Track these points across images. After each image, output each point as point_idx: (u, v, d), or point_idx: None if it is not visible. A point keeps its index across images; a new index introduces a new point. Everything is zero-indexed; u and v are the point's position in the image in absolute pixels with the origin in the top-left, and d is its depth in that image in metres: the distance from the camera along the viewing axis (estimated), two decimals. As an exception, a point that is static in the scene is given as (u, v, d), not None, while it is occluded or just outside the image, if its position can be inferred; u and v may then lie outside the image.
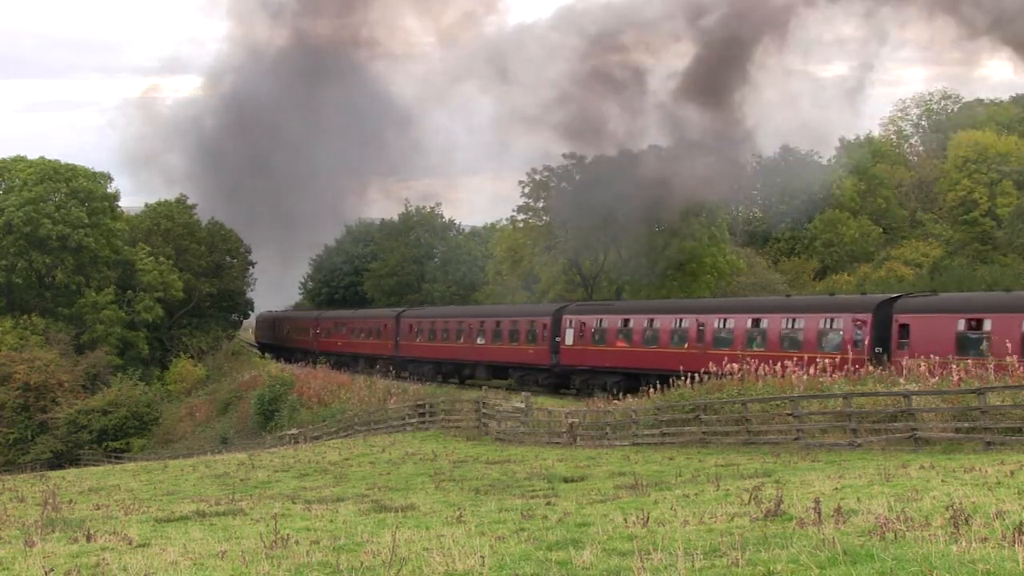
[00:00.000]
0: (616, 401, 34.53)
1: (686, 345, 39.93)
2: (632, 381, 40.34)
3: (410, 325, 60.64)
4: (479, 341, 53.26)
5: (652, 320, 42.58)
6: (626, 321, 43.86)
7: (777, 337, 36.54)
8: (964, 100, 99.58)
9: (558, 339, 47.08)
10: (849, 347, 32.75)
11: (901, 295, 37.06)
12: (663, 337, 41.35)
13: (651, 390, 33.40)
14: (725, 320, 39.29)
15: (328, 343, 73.47)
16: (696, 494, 15.75)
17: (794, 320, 36.72)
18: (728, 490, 15.84)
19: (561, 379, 47.27)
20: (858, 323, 34.24)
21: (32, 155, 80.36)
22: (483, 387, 47.80)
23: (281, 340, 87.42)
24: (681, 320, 41.11)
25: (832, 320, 35.48)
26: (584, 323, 45.91)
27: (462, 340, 54.78)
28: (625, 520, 12.57)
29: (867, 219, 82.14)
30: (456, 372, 55.64)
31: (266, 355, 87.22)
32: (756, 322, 37.97)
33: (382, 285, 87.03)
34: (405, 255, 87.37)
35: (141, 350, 77.68)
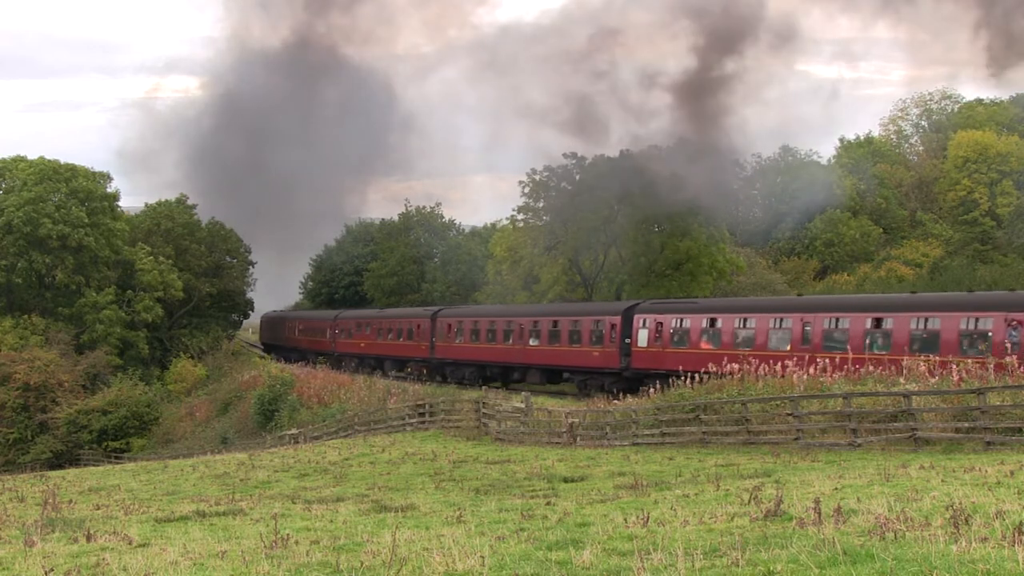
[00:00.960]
0: (616, 401, 34.51)
1: (788, 347, 36.06)
2: None
3: (448, 325, 56.08)
4: (532, 342, 49.05)
5: (745, 319, 38.68)
6: (712, 321, 39.97)
7: (905, 338, 32.94)
8: (964, 100, 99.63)
9: (628, 340, 43.10)
10: (1009, 347, 28.75)
11: None
12: (759, 338, 37.50)
13: (651, 390, 33.40)
14: (837, 320, 35.63)
15: (349, 344, 69.17)
16: (696, 494, 15.75)
17: (927, 320, 32.99)
18: (728, 490, 15.84)
19: (632, 384, 42.10)
20: (1013, 323, 30.42)
21: (32, 155, 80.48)
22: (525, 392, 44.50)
23: (291, 341, 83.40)
24: (781, 320, 37.30)
25: (977, 320, 31.71)
26: (661, 323, 41.77)
27: (511, 341, 50.52)
28: (625, 520, 12.57)
29: (867, 219, 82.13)
30: (503, 375, 51.67)
31: (271, 357, 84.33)
32: (878, 322, 34.31)
33: (382, 285, 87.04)
34: (405, 255, 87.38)
35: (141, 350, 77.69)
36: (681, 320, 41.29)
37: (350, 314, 74.29)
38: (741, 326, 38.96)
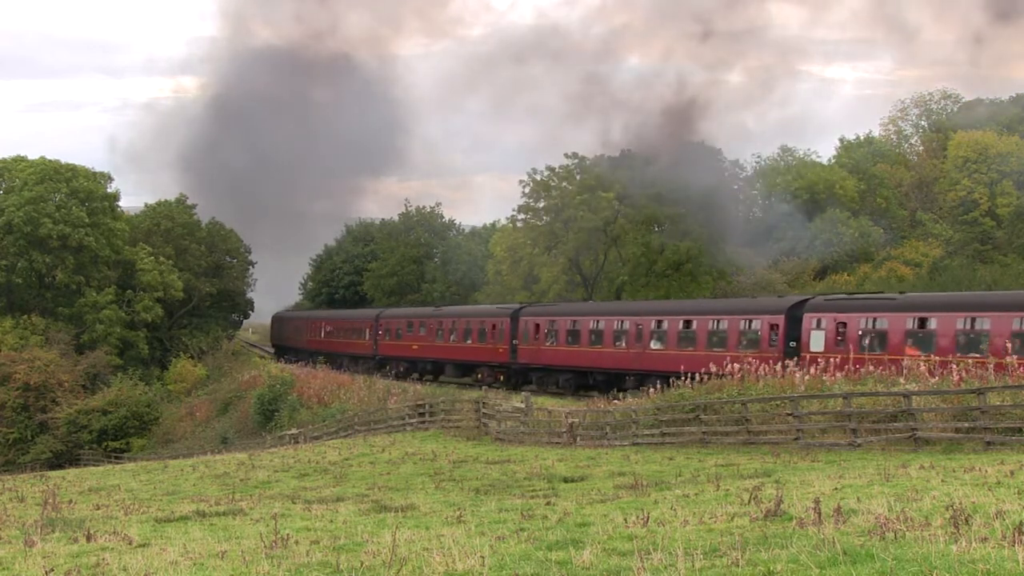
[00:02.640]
0: (616, 401, 34.49)
1: None
2: None
3: (536, 325, 49.47)
4: (654, 346, 42.79)
5: (973, 319, 32.01)
6: (922, 321, 33.37)
7: None
8: (964, 100, 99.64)
9: (794, 343, 36.85)
10: None
11: None
12: (997, 341, 30.05)
13: (651, 390, 33.37)
14: None
15: (397, 347, 62.39)
16: (696, 494, 15.74)
17: None
18: (728, 490, 15.84)
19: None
20: None
21: (33, 155, 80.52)
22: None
23: (314, 343, 77.04)
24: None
25: None
26: (845, 322, 35.40)
27: (624, 344, 43.94)
28: (625, 520, 12.57)
29: (867, 219, 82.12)
30: (614, 382, 44.18)
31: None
32: None
33: (382, 285, 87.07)
34: (405, 255, 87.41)
35: (141, 350, 77.72)
36: (873, 320, 34.77)
37: (398, 313, 67.13)
38: (969, 326, 32.04)
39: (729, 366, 30.49)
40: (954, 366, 26.73)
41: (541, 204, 68.75)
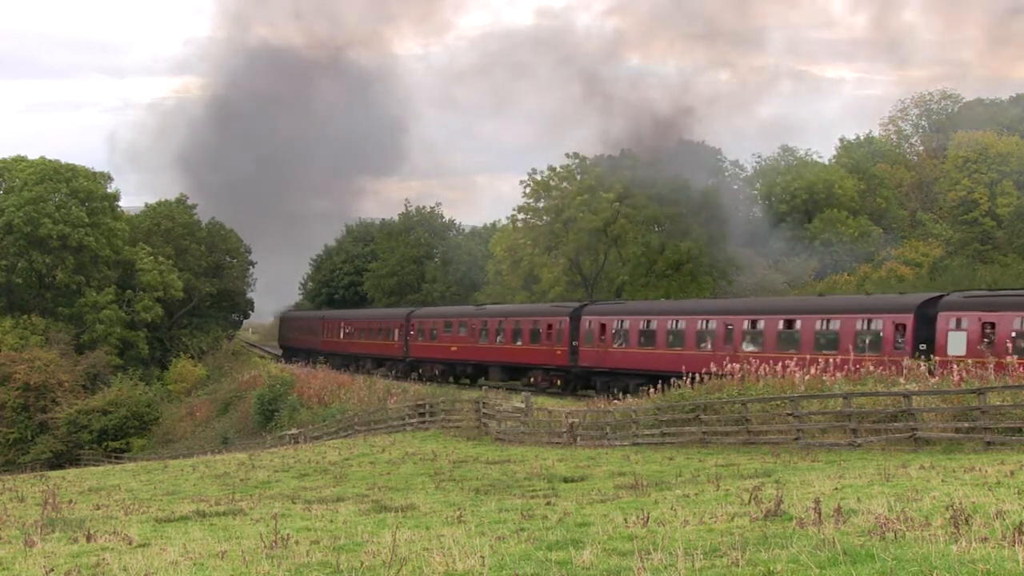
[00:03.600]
0: (616, 401, 34.48)
1: None
2: None
3: (602, 325, 45.14)
4: (747, 348, 37.94)
5: None
6: None
7: None
8: (964, 100, 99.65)
9: (923, 345, 32.82)
10: None
11: None
12: None
13: (651, 390, 33.34)
14: None
15: (431, 348, 58.38)
16: (696, 494, 15.74)
17: None
18: (728, 490, 15.84)
19: None
20: None
21: (33, 155, 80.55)
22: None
23: (330, 345, 73.52)
24: None
25: None
26: (993, 322, 31.15)
27: (710, 346, 39.60)
28: (625, 520, 12.57)
29: (867, 219, 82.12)
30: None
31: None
32: None
33: (382, 285, 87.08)
34: (405, 255, 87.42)
35: (141, 350, 77.72)
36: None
37: (433, 311, 62.91)
38: None
39: (847, 369, 27.73)
40: (954, 366, 26.72)
41: (541, 204, 68.78)
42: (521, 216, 70.11)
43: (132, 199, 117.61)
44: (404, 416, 40.75)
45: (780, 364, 30.31)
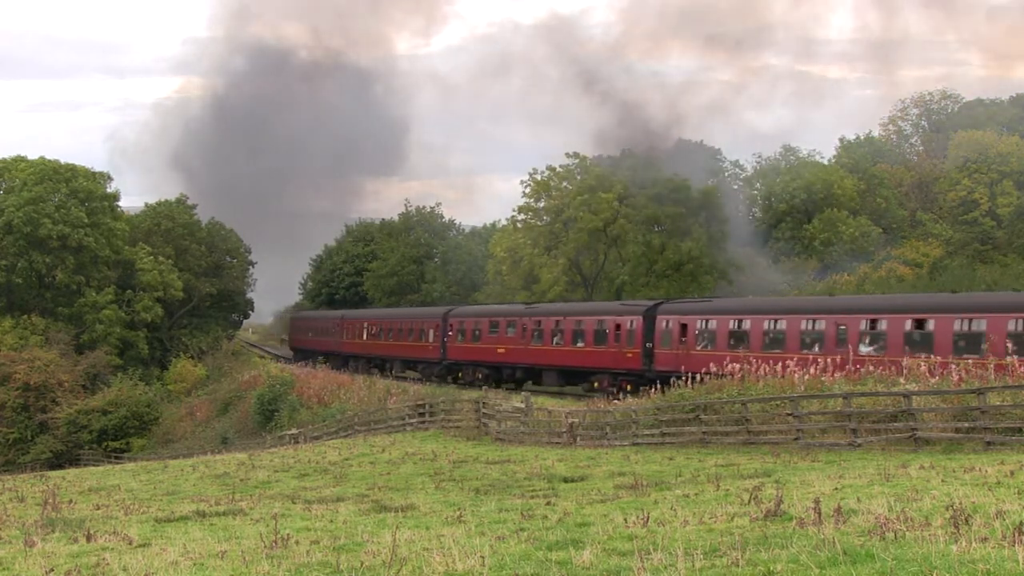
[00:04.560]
0: (616, 401, 34.48)
1: None
2: None
3: (683, 326, 40.90)
4: (865, 350, 33.55)
5: None
6: None
7: None
8: (964, 100, 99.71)
9: None
10: None
11: None
12: None
13: (651, 390, 33.34)
14: None
15: (473, 350, 54.03)
16: (696, 494, 15.74)
17: None
18: (728, 490, 15.84)
19: None
20: None
21: (33, 155, 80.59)
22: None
23: (347, 347, 69.88)
24: None
25: None
26: None
27: (819, 348, 34.97)
28: (625, 520, 12.57)
29: (867, 219, 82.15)
30: None
31: (308, 364, 71.41)
32: None
33: (382, 285, 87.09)
34: (405, 255, 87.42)
35: (141, 350, 77.72)
36: None
37: (476, 310, 58.43)
38: None
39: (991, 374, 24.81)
40: (954, 366, 26.71)
41: (541, 204, 68.79)
42: (521, 216, 70.13)
43: (132, 199, 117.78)
44: (404, 416, 40.75)
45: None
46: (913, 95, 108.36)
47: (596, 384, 45.01)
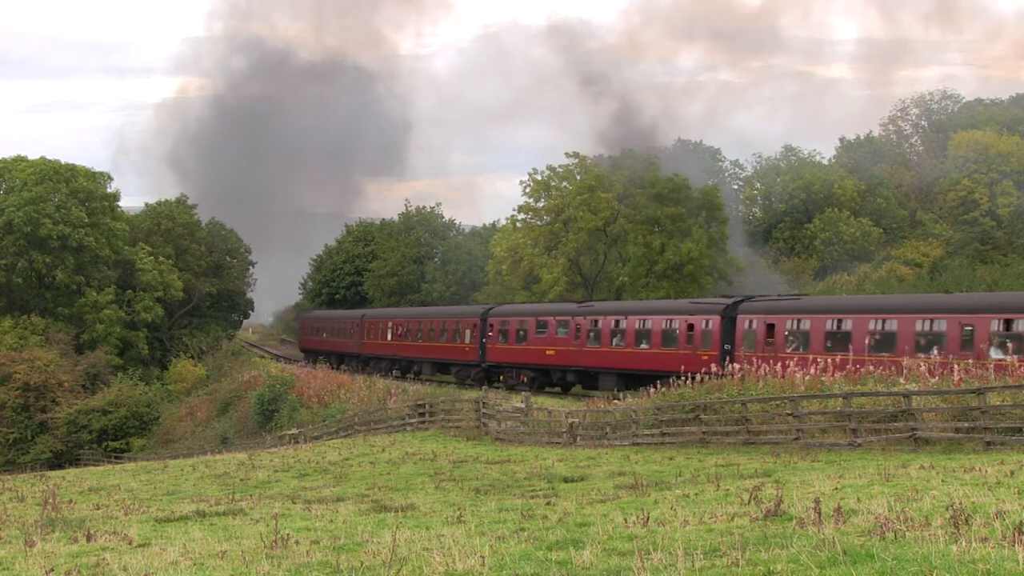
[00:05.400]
0: (616, 401, 34.48)
1: None
2: None
3: (768, 326, 37.48)
4: (998, 354, 29.09)
5: None
6: None
7: None
8: (964, 100, 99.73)
9: None
10: None
11: None
12: None
13: (651, 390, 33.33)
14: None
15: (518, 352, 50.50)
16: (696, 494, 15.74)
17: None
18: (728, 490, 15.84)
19: None
20: None
21: (33, 155, 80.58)
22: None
23: (367, 348, 66.63)
24: None
25: None
26: None
27: (936, 351, 30.88)
28: (625, 520, 12.57)
29: (867, 219, 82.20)
30: None
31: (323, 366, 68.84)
32: None
33: (382, 285, 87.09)
34: (405, 255, 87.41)
35: (141, 350, 77.70)
36: None
37: (520, 309, 54.41)
38: None
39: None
40: (954, 366, 26.70)
41: (541, 204, 68.77)
42: (521, 216, 70.10)
43: (132, 199, 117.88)
44: (404, 416, 40.76)
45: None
46: (913, 95, 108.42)
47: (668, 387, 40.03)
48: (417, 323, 61.23)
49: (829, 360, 30.55)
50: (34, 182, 75.21)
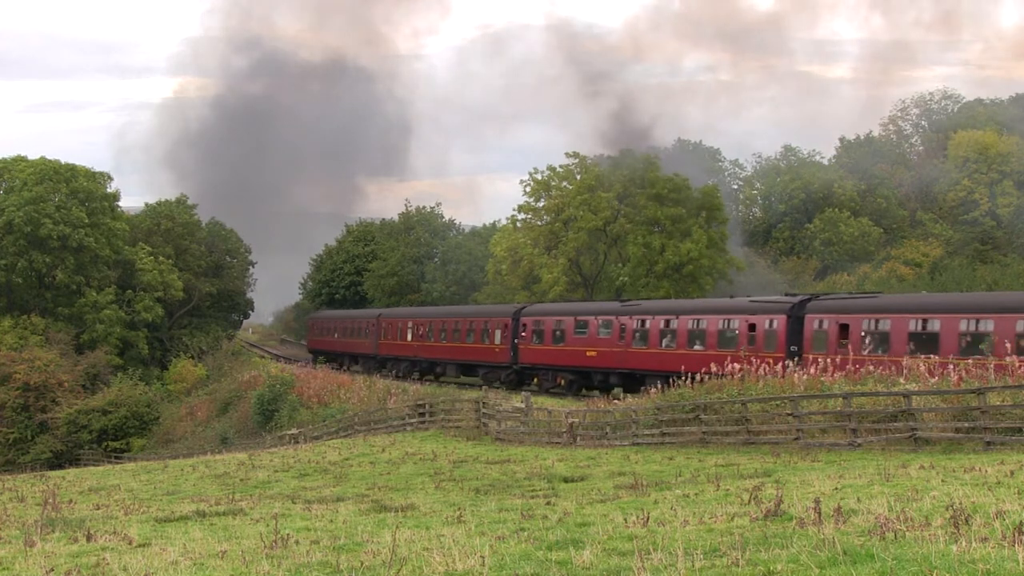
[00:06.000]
0: (616, 401, 34.47)
1: None
2: None
3: (841, 326, 34.86)
4: None
5: None
6: None
7: None
8: (964, 100, 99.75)
9: None
10: None
11: None
12: None
13: (651, 390, 33.31)
14: None
15: (555, 354, 47.83)
16: (696, 494, 15.74)
17: None
18: (728, 490, 15.84)
19: None
20: None
21: (34, 155, 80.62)
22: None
23: (385, 349, 64.34)
24: None
25: None
26: None
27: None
28: (625, 520, 12.57)
29: (867, 219, 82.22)
30: None
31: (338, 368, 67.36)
32: None
33: (382, 285, 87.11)
34: (405, 255, 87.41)
35: (141, 350, 77.72)
36: None
37: (557, 308, 51.37)
38: None
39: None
40: (953, 366, 26.68)
41: (541, 204, 68.73)
42: (521, 216, 70.07)
43: (132, 199, 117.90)
44: (404, 416, 40.76)
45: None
46: (913, 95, 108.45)
47: None
48: (441, 323, 58.65)
49: (913, 364, 27.99)
50: (34, 182, 75.24)
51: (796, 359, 33.67)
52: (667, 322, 41.51)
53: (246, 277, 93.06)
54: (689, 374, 31.30)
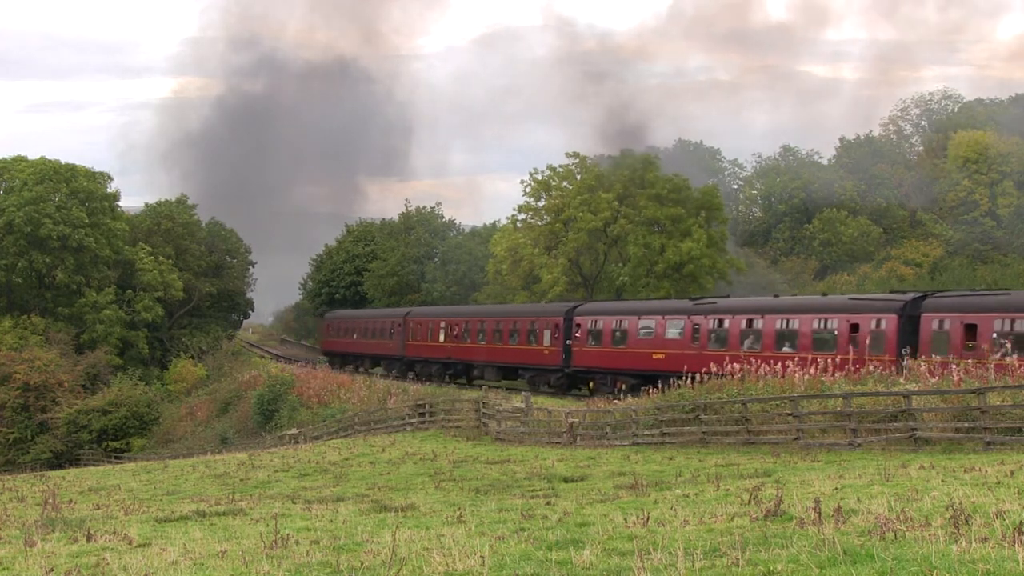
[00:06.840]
0: (616, 401, 34.47)
1: None
2: None
3: (966, 327, 31.55)
4: None
5: None
6: None
7: None
8: (964, 100, 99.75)
9: None
10: None
11: None
12: None
13: (651, 390, 33.31)
14: None
15: (615, 357, 43.91)
16: (696, 494, 15.74)
17: None
18: (728, 490, 15.84)
19: None
20: None
21: (34, 155, 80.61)
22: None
23: (412, 350, 60.80)
24: None
25: None
26: None
27: None
28: (625, 520, 12.57)
29: (867, 219, 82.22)
30: None
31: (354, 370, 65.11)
32: None
33: (382, 285, 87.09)
34: (405, 255, 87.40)
35: (141, 350, 77.71)
36: None
37: (615, 307, 47.93)
38: None
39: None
40: (954, 366, 26.67)
41: (541, 204, 68.71)
42: (521, 216, 70.05)
43: (132, 199, 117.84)
44: (404, 416, 40.76)
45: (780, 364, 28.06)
46: (913, 95, 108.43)
47: None
48: (479, 322, 54.79)
49: None
50: (34, 182, 75.23)
51: (900, 355, 30.88)
52: (749, 322, 38.02)
53: (246, 277, 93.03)
54: (691, 374, 30.32)
